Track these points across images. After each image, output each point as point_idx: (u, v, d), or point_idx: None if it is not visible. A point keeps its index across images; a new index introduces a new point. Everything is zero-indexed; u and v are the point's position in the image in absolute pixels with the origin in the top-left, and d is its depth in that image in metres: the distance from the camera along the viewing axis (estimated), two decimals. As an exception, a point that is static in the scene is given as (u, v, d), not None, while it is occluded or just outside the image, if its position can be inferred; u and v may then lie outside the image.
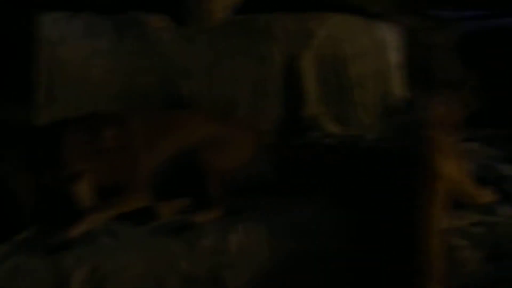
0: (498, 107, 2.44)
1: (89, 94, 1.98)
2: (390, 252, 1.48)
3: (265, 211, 1.63)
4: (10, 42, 1.97)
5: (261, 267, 1.51)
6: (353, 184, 1.65)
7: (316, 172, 1.76)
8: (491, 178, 1.92)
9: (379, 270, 1.48)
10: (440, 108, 1.87)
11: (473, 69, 2.45)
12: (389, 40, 2.34)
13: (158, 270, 1.44)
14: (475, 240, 1.65)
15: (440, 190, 1.52)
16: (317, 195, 1.67)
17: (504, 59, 2.43)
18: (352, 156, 1.78)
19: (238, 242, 1.52)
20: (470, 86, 2.45)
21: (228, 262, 1.49)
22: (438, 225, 1.51)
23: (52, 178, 1.57)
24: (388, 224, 1.50)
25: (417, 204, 1.50)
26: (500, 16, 2.48)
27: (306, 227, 1.57)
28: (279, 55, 2.19)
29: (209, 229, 1.55)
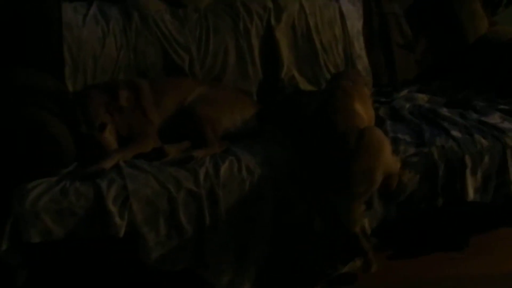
0: (444, 63, 2.90)
1: (105, 66, 2.43)
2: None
3: (247, 149, 2.10)
4: (40, 28, 2.39)
5: (245, 187, 1.98)
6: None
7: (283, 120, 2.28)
8: (431, 117, 2.40)
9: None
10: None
11: (422, 33, 2.91)
12: (350, 10, 2.81)
13: (168, 188, 1.90)
14: (412, 167, 2.10)
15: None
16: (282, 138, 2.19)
17: (446, 23, 2.89)
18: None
19: (228, 169, 2.00)
20: (420, 47, 2.90)
21: (221, 183, 1.96)
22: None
23: (85, 128, 2.03)
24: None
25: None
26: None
27: (273, 160, 2.05)
28: (257, 28, 2.66)
29: (206, 161, 2.02)
